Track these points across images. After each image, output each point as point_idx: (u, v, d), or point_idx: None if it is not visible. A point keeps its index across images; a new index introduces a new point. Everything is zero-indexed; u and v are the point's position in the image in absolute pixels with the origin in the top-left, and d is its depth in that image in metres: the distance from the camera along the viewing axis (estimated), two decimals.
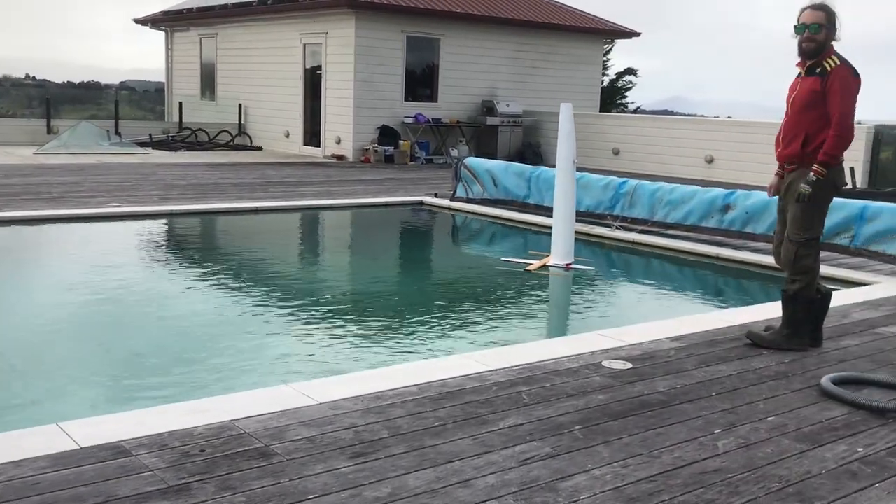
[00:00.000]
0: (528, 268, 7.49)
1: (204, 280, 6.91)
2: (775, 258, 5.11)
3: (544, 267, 7.53)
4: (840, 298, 6.08)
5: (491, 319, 6.03)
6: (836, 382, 4.21)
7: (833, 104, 4.59)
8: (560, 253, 7.64)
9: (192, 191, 11.36)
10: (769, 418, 3.78)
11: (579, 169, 12.01)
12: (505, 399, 3.83)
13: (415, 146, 17.78)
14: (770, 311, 5.70)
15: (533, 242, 9.56)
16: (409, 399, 3.77)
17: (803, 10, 4.70)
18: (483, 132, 18.74)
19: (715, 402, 3.96)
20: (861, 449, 3.47)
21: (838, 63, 4.63)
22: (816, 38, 4.65)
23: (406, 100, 17.96)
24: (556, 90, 20.02)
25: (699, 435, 3.54)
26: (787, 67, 5.00)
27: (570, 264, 7.58)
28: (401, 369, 4.29)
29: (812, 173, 4.64)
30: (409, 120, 17.83)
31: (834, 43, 4.72)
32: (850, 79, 4.62)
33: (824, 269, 7.12)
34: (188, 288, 6.66)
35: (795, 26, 4.71)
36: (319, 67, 17.99)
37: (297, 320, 5.75)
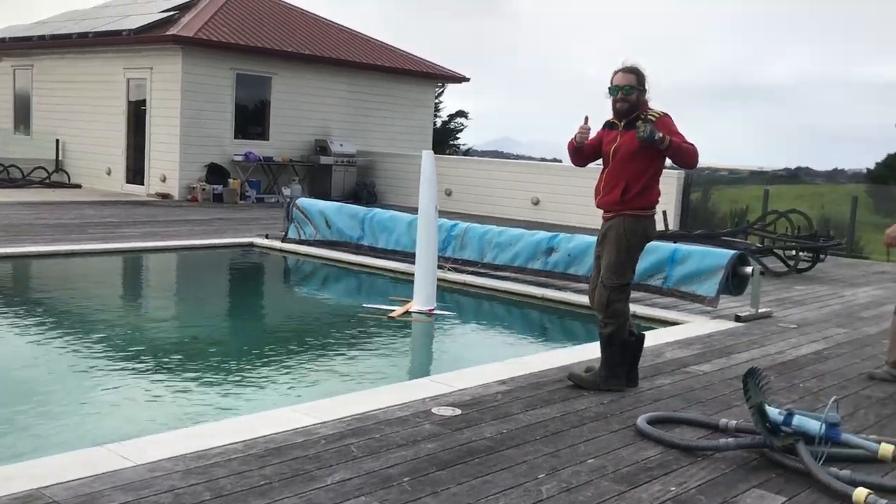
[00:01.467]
0: (391, 314, 7.42)
1: (13, 331, 6.46)
2: (590, 301, 5.35)
3: (407, 313, 7.50)
4: (654, 338, 6.41)
5: (332, 369, 5.96)
6: (651, 422, 4.43)
7: (680, 136, 4.90)
8: (422, 298, 7.63)
9: (2, 233, 10.63)
10: (589, 460, 3.92)
11: (412, 211, 12.15)
12: (333, 453, 3.78)
13: (245, 185, 17.45)
14: (591, 351, 5.94)
15: (367, 285, 9.57)
16: (234, 457, 3.65)
17: (616, 72, 5.01)
18: (316, 171, 18.65)
19: (539, 445, 4.07)
20: (674, 488, 3.66)
21: (662, 112, 4.97)
22: (629, 98, 4.97)
23: (236, 137, 17.62)
24: (389, 131, 20.28)
25: (524, 480, 3.62)
26: (606, 113, 5.26)
27: (433, 310, 7.60)
28: (225, 426, 4.14)
29: (650, 125, 4.79)
30: (240, 158, 17.50)
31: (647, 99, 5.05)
32: (672, 122, 4.97)
33: (640, 310, 7.55)
34: None
35: (609, 88, 5.01)
36: (144, 102, 17.39)
37: (116, 375, 5.46)
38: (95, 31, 17.98)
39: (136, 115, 17.70)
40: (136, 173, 17.81)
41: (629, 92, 4.96)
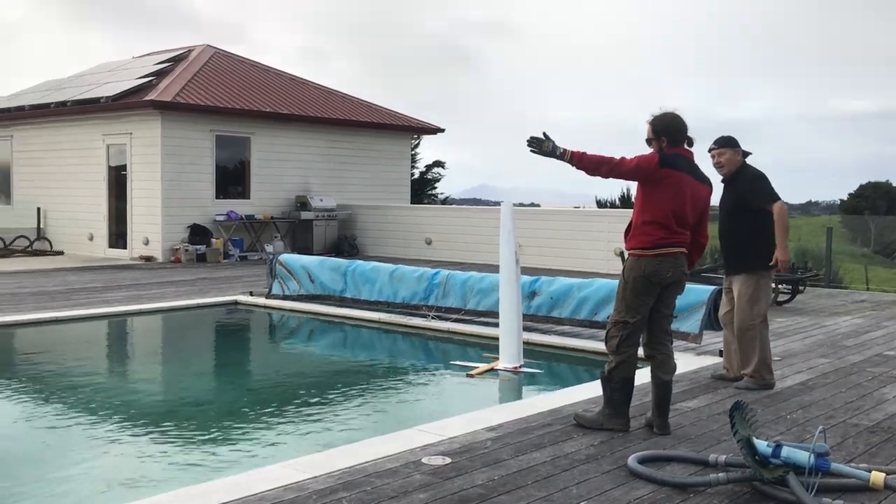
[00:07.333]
0: (472, 372, 7.15)
1: (1, 402, 6.41)
2: None
3: (492, 371, 7.21)
4: (641, 377, 6.42)
5: (329, 423, 5.94)
6: (642, 461, 4.45)
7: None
8: (508, 355, 7.32)
9: None
10: (582, 503, 3.93)
11: (393, 262, 12.20)
12: None
13: (228, 244, 17.48)
14: (578, 394, 5.98)
15: (352, 337, 9.57)
16: None
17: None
18: (298, 227, 18.73)
19: (531, 490, 4.07)
20: None
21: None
22: (651, 149, 5.18)
23: (217, 197, 17.70)
24: (368, 184, 20.43)
25: None
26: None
27: (520, 367, 7.27)
28: (217, 485, 4.12)
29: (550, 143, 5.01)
30: (222, 217, 17.56)
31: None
32: (649, 154, 5.10)
33: None
34: None
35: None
36: (125, 167, 17.45)
37: (112, 440, 5.41)
38: (74, 100, 18.11)
39: (117, 180, 17.75)
40: (118, 237, 17.81)
41: (648, 143, 5.20)
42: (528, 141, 5.03)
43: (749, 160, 6.43)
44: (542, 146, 4.99)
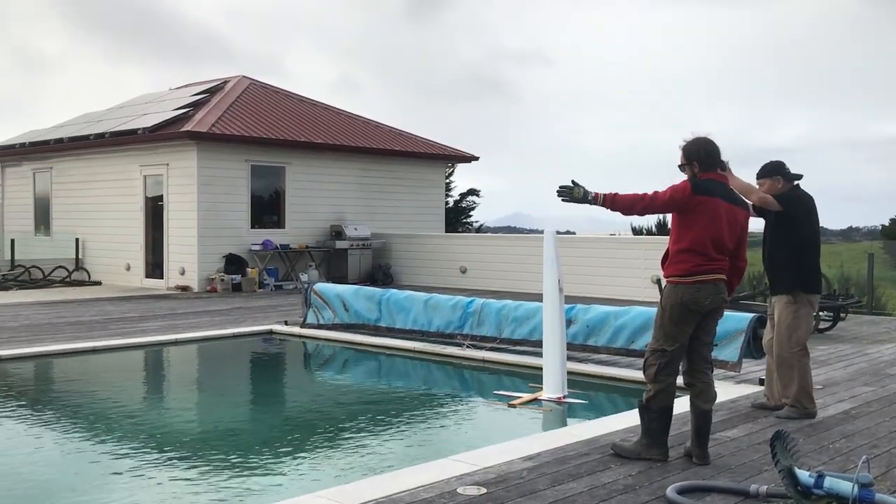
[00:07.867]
0: (514, 402, 7.01)
1: (36, 431, 6.46)
2: None
3: (535, 401, 7.08)
4: (679, 405, 6.33)
5: (362, 452, 5.92)
6: (681, 492, 4.36)
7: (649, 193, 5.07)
8: (552, 385, 7.17)
9: (24, 332, 10.73)
10: None
11: (427, 290, 12.19)
12: None
13: (263, 273, 17.59)
14: (615, 423, 5.89)
15: (387, 366, 9.55)
16: None
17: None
18: (333, 256, 18.82)
19: None
20: None
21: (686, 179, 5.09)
22: (685, 175, 5.14)
23: (253, 227, 17.85)
24: (402, 213, 20.50)
25: None
26: (610, 182, 5.37)
27: (564, 397, 7.14)
28: None
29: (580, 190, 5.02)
30: (257, 247, 17.70)
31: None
32: (680, 184, 5.02)
33: None
34: (19, 441, 6.20)
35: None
36: (161, 198, 17.69)
37: (158, 468, 5.44)
38: (112, 132, 18.43)
39: (154, 211, 17.98)
40: (155, 267, 18.01)
41: (681, 169, 5.16)
42: (557, 191, 5.06)
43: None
44: (572, 193, 5.02)
